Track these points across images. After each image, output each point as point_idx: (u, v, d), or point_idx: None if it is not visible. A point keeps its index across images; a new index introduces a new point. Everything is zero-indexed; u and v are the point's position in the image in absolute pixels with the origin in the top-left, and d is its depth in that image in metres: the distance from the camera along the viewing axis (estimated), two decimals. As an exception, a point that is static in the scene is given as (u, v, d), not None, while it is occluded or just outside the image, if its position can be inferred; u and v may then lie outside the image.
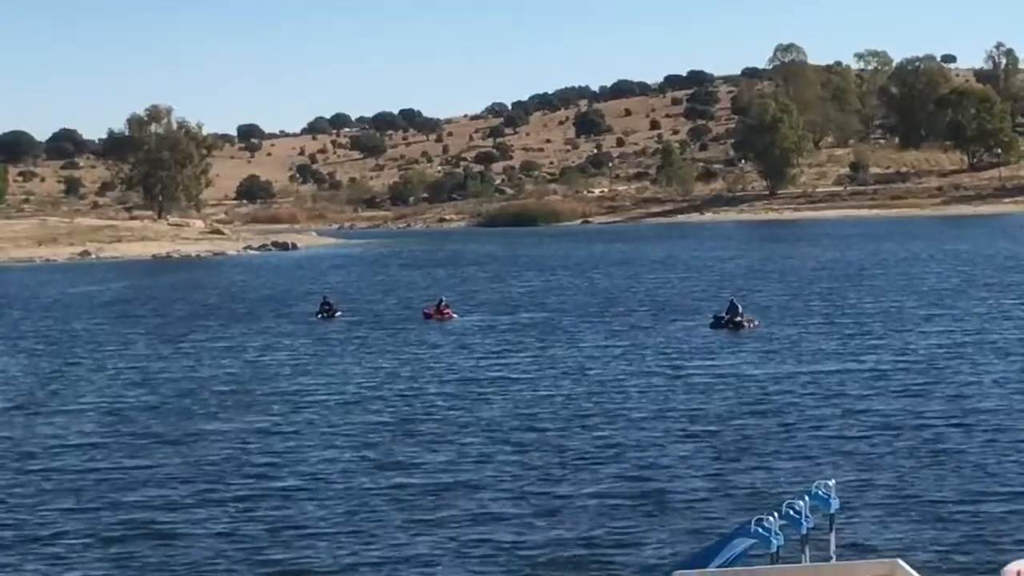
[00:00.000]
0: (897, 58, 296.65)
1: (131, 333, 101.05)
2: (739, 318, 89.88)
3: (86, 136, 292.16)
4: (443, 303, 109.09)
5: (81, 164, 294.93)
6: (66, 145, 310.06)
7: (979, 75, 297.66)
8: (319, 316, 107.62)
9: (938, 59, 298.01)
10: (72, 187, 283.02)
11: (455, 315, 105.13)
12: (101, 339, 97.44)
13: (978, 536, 35.29)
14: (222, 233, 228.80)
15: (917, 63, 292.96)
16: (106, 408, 65.52)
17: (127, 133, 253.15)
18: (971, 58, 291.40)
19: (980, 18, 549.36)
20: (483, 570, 36.00)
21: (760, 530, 26.13)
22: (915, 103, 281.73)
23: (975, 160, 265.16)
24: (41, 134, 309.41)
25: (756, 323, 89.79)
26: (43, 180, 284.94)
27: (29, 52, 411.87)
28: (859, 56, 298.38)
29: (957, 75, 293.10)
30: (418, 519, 41.35)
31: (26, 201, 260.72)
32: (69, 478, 49.36)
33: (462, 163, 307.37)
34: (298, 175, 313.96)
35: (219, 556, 37.63)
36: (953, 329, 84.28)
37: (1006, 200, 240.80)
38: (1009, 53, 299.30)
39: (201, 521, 41.74)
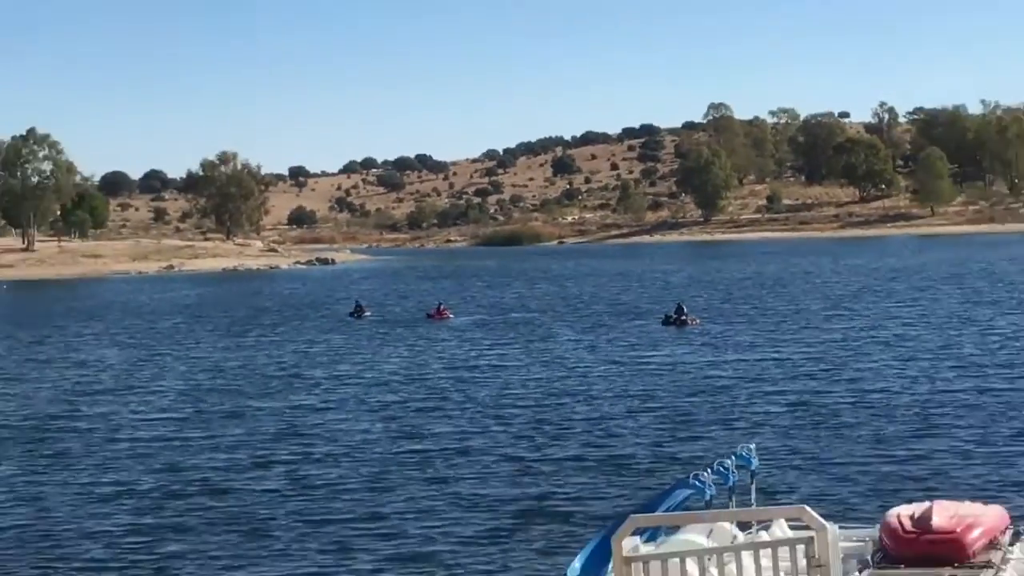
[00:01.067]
0: (804, 114, 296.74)
1: (203, 330, 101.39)
2: (684, 317, 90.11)
3: (170, 175, 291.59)
4: (442, 306, 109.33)
5: (166, 197, 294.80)
6: (155, 182, 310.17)
7: (868, 127, 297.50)
8: (352, 315, 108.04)
9: (836, 115, 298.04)
10: (159, 215, 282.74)
11: (451, 315, 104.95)
12: (180, 334, 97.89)
13: (868, 489, 35.28)
14: (276, 251, 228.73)
15: (819, 118, 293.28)
16: (181, 388, 65.59)
17: (202, 173, 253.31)
18: (861, 114, 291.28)
19: (868, 83, 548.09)
20: (475, 515, 35.83)
21: (696, 482, 25.94)
22: (818, 149, 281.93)
23: (864, 194, 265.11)
24: (135, 173, 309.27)
25: (697, 321, 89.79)
26: (136, 210, 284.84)
27: (126, 105, 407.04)
28: (773, 112, 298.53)
29: (850, 127, 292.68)
30: (426, 475, 41.28)
31: (123, 226, 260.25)
32: (150, 443, 49.26)
33: (464, 196, 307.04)
34: (336, 206, 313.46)
35: (266, 506, 37.49)
36: (850, 326, 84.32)
37: (888, 225, 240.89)
38: (891, 111, 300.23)
39: (255, 479, 41.62)
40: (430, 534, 34.14)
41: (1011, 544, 27.71)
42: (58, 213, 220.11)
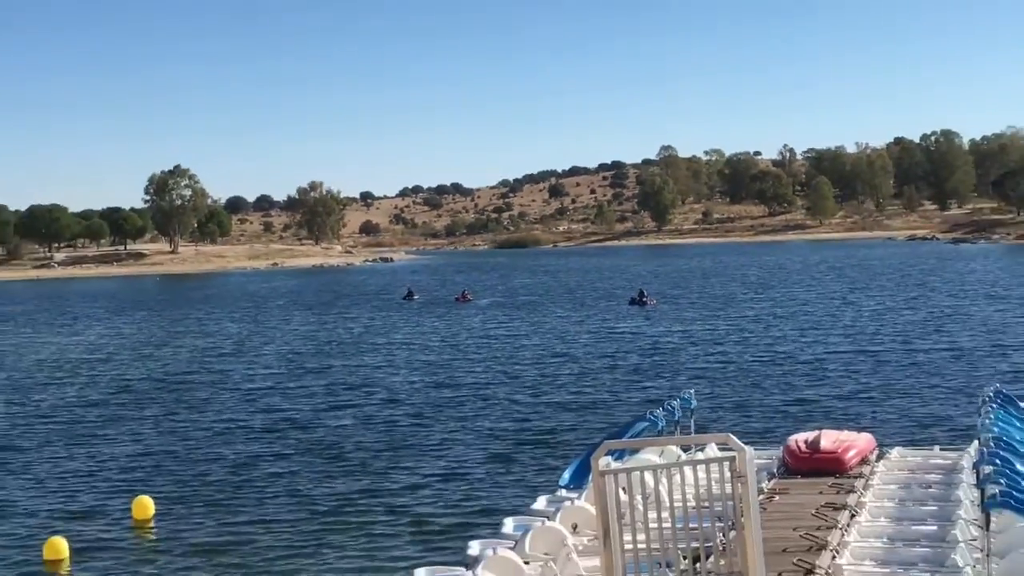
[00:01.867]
0: (728, 152, 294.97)
1: (297, 309, 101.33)
2: (644, 299, 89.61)
3: (275, 198, 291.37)
4: (466, 292, 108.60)
5: (273, 214, 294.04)
6: (264, 203, 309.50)
7: (774, 162, 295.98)
8: (404, 299, 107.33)
9: (751, 153, 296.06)
10: (267, 227, 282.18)
11: (472, 298, 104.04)
12: (281, 313, 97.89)
13: (774, 421, 35.35)
14: (351, 253, 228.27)
15: (739, 155, 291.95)
16: (280, 351, 65.59)
17: (297, 196, 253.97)
18: (770, 152, 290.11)
19: (775, 128, 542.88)
20: (492, 441, 35.75)
21: (651, 417, 25.78)
22: (738, 178, 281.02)
23: (771, 210, 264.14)
24: (250, 196, 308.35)
25: (654, 301, 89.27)
26: (251, 223, 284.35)
27: (244, 143, 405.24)
28: (707, 152, 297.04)
29: (762, 162, 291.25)
30: (456, 413, 41.27)
31: (241, 235, 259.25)
32: (256, 391, 49.24)
33: (485, 212, 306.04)
34: (393, 220, 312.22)
35: (339, 436, 37.37)
36: (763, 305, 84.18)
37: (789, 233, 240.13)
38: (791, 150, 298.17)
39: (331, 417, 41.59)
40: (458, 455, 34.07)
41: (877, 460, 27.66)
42: (195, 225, 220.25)
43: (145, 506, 28.03)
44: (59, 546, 24.82)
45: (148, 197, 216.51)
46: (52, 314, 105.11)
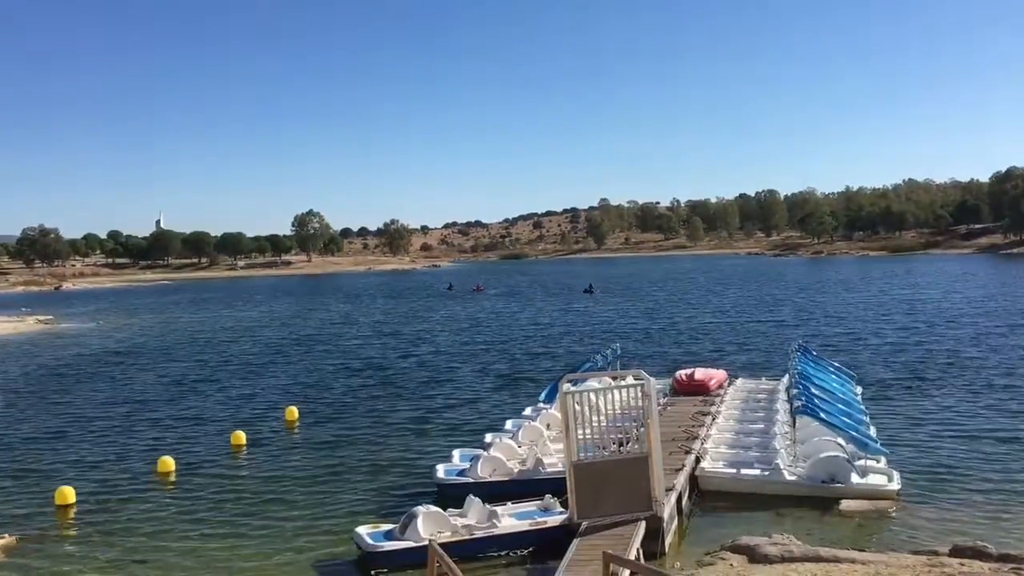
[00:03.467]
0: (641, 201, 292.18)
1: (380, 296, 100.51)
2: (592, 290, 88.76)
3: (370, 228, 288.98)
4: (479, 284, 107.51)
5: (368, 238, 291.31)
6: (363, 231, 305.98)
7: (668, 207, 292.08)
8: (447, 290, 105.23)
9: (654, 202, 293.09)
10: (365, 246, 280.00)
11: (484, 289, 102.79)
12: (370, 298, 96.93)
13: (668, 363, 35.00)
14: (415, 262, 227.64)
15: (647, 203, 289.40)
16: (370, 321, 65.18)
17: (383, 227, 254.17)
18: (665, 201, 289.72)
19: (668, 186, 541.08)
20: (494, 379, 35.70)
21: (594, 359, 25.77)
22: (646, 217, 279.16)
23: (666, 237, 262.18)
24: (355, 227, 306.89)
25: (599, 291, 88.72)
26: (355, 243, 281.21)
27: (356, 188, 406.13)
28: (629, 201, 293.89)
29: (660, 207, 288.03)
30: (475, 363, 41.16)
31: (349, 251, 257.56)
32: (353, 346, 49.11)
33: (495, 238, 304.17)
34: (440, 242, 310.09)
35: (402, 376, 37.37)
36: (663, 293, 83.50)
37: (676, 251, 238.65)
38: (677, 201, 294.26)
39: (395, 362, 41.52)
40: (478, 384, 34.11)
41: (728, 386, 27.63)
42: (322, 245, 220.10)
43: (293, 413, 28.26)
44: (240, 437, 24.94)
45: (293, 227, 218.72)
46: (234, 299, 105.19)
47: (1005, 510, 16.48)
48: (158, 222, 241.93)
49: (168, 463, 22.08)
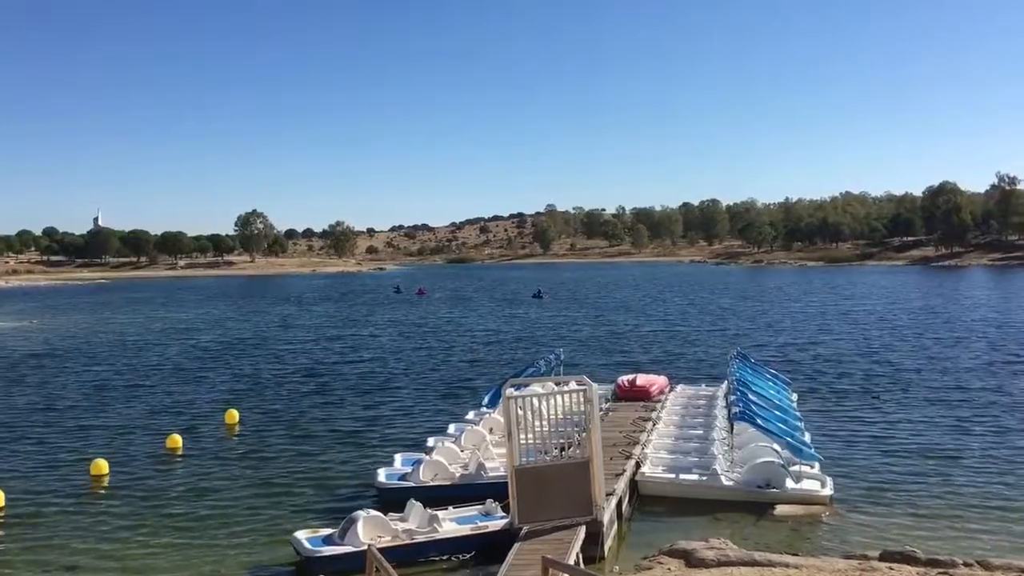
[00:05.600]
0: (587, 208, 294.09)
1: (323, 298, 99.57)
2: (541, 294, 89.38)
3: (315, 229, 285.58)
4: (422, 288, 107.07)
5: (313, 240, 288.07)
6: (308, 232, 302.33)
7: (613, 215, 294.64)
8: (394, 292, 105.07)
9: (599, 209, 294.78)
10: (310, 248, 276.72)
11: (427, 292, 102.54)
12: (313, 301, 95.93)
13: (609, 369, 35.26)
14: (360, 264, 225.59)
15: (593, 211, 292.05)
16: (310, 324, 64.45)
17: (328, 229, 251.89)
18: (610, 208, 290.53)
19: (613, 193, 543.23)
20: (436, 384, 35.53)
21: (538, 364, 25.83)
22: (593, 224, 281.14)
23: (611, 243, 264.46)
24: (300, 228, 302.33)
25: (550, 296, 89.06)
26: (299, 244, 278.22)
27: (300, 189, 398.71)
28: (574, 207, 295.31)
29: (606, 214, 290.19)
30: (413, 365, 40.89)
31: (294, 252, 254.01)
32: (290, 349, 48.44)
33: (441, 242, 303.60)
34: (387, 245, 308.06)
35: (340, 378, 36.97)
36: (610, 298, 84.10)
37: (621, 258, 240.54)
38: (623, 208, 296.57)
39: (340, 366, 41.05)
40: (422, 388, 33.92)
41: (669, 392, 27.91)
42: (266, 246, 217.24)
43: (233, 416, 27.79)
44: (176, 440, 24.43)
45: (236, 227, 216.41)
46: (173, 299, 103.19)
47: (933, 516, 16.91)
48: (96, 220, 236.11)
49: (101, 466, 21.51)
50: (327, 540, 14.92)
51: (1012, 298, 74.63)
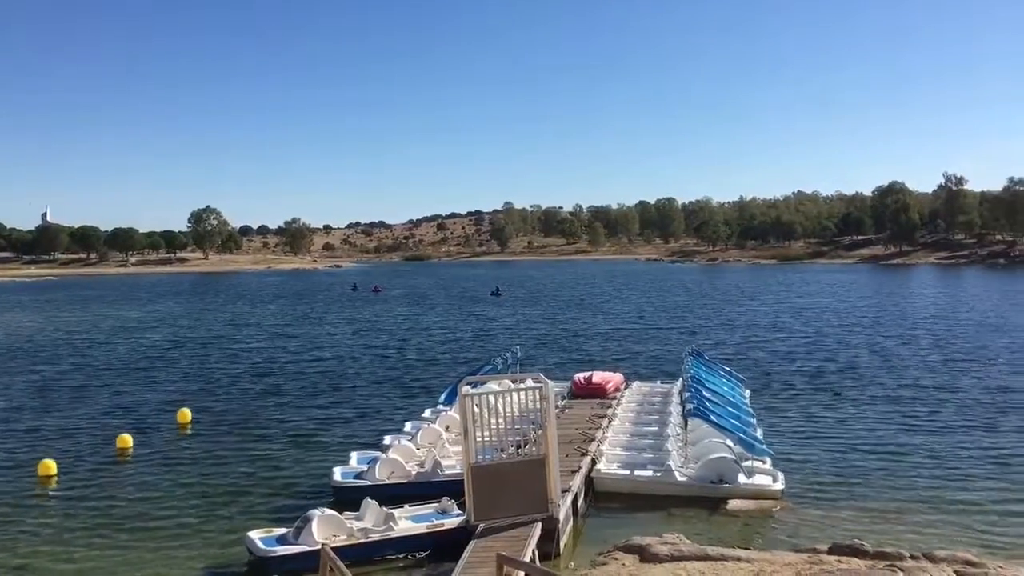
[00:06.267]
0: (544, 206, 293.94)
1: (278, 295, 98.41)
2: (499, 292, 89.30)
3: (271, 226, 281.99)
4: (377, 286, 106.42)
5: (268, 236, 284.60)
6: (263, 229, 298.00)
7: (571, 213, 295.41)
8: (352, 290, 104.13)
9: (557, 207, 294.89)
10: (265, 244, 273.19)
11: (382, 290, 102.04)
12: (268, 298, 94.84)
13: (565, 366, 35.37)
14: (316, 261, 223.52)
15: (550, 208, 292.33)
16: (265, 322, 63.73)
17: (284, 226, 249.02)
18: (568, 206, 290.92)
19: (570, 191, 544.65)
20: (392, 381, 35.39)
21: (495, 362, 25.87)
22: (549, 222, 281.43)
23: (568, 241, 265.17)
24: (255, 224, 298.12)
25: (508, 293, 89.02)
26: (254, 241, 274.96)
27: (253, 187, 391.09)
28: (532, 205, 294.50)
29: (562, 212, 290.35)
30: (368, 364, 40.64)
31: (248, 249, 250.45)
32: (243, 347, 47.86)
33: (398, 239, 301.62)
34: (344, 243, 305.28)
35: (284, 377, 36.64)
36: (566, 298, 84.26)
37: (579, 256, 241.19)
38: (580, 207, 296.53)
39: (295, 365, 40.58)
40: (379, 384, 33.77)
41: (625, 389, 28.11)
42: (219, 242, 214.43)
43: (185, 415, 27.41)
44: (127, 440, 24.01)
45: (189, 224, 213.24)
46: (123, 297, 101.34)
47: (881, 509, 17.27)
48: (44, 215, 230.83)
49: (49, 466, 21.08)
50: (281, 540, 14.81)
51: (958, 296, 76.39)
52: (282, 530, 15.22)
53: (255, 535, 15.06)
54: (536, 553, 14.07)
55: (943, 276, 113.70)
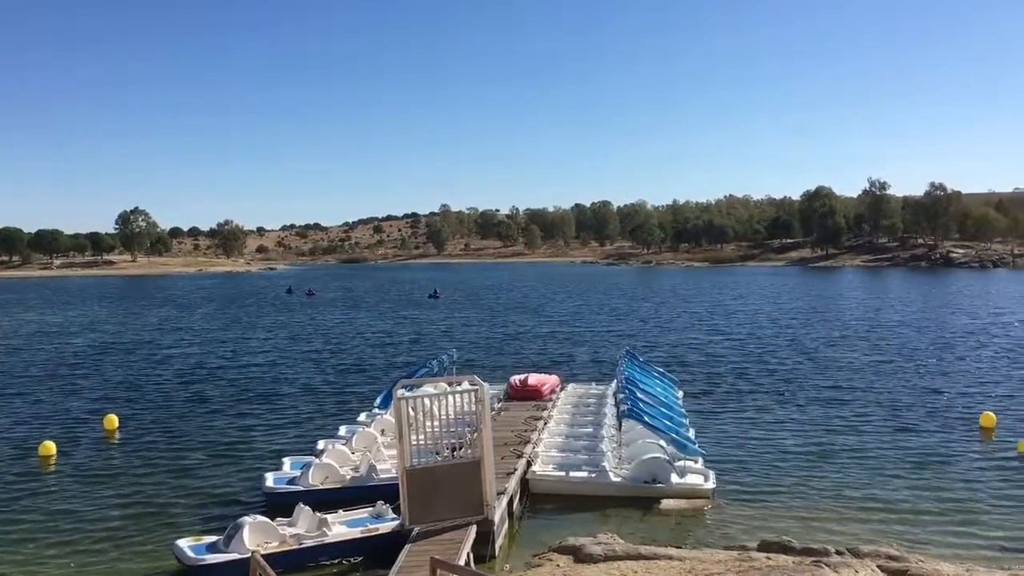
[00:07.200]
0: (481, 208, 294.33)
1: (209, 299, 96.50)
2: (438, 294, 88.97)
3: (202, 228, 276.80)
4: (312, 289, 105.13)
5: (199, 237, 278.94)
6: (195, 231, 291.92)
7: (507, 215, 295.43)
8: (287, 293, 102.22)
9: (494, 209, 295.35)
10: (196, 247, 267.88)
11: (317, 293, 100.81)
12: (198, 303, 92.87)
13: (496, 369, 35.38)
14: (249, 264, 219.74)
15: (487, 211, 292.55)
16: (196, 326, 62.42)
17: (216, 227, 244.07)
18: (504, 208, 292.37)
19: (507, 194, 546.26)
20: (329, 387, 34.97)
21: (430, 364, 25.76)
22: (486, 224, 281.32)
23: (505, 244, 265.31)
24: (186, 226, 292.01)
25: (445, 295, 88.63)
26: (184, 244, 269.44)
27: (184, 191, 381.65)
28: (468, 208, 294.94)
29: (499, 214, 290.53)
30: (300, 369, 40.09)
31: (179, 251, 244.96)
32: (170, 352, 46.83)
33: (334, 242, 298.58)
34: (279, 245, 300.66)
35: (211, 384, 35.96)
36: (502, 300, 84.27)
37: (515, 258, 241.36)
38: (517, 209, 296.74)
39: (225, 370, 39.79)
40: (313, 388, 33.38)
41: (560, 391, 28.27)
42: (148, 244, 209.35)
43: (112, 421, 26.67)
44: (50, 447, 23.28)
45: (117, 226, 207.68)
46: (47, 300, 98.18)
47: (808, 507, 17.70)
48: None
49: (-34, 477, 20.30)
50: (211, 548, 14.52)
51: (884, 298, 78.70)
52: (212, 538, 14.93)
53: (184, 543, 14.74)
54: (471, 556, 14.06)
55: (868, 278, 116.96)
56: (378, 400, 24.75)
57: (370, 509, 16.14)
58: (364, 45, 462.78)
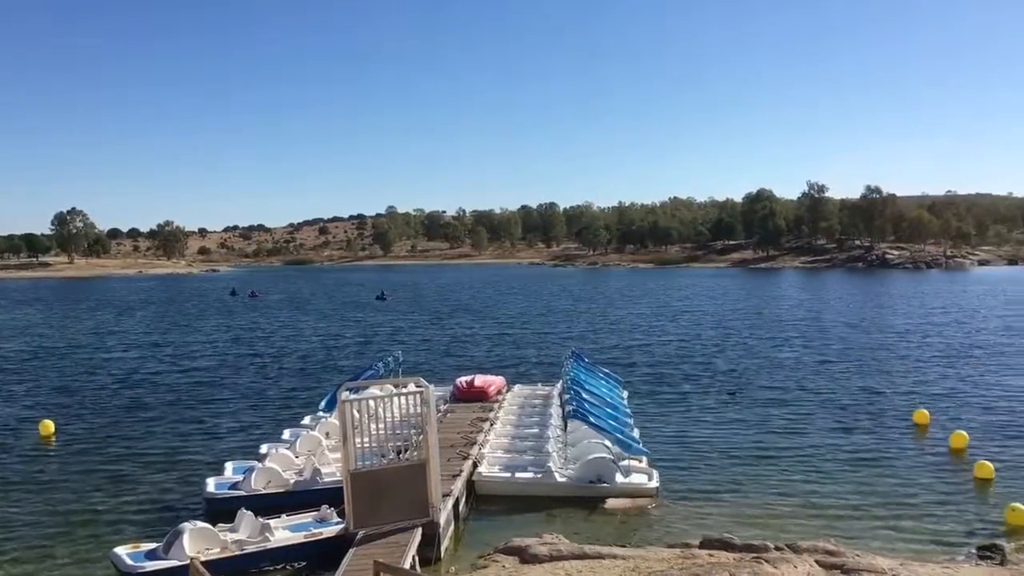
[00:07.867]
0: (427, 210, 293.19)
1: (149, 301, 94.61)
2: (385, 296, 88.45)
3: (142, 229, 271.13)
4: (255, 291, 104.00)
5: (139, 240, 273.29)
6: (134, 232, 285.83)
7: (454, 217, 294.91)
8: (230, 295, 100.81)
9: (440, 211, 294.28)
10: (136, 248, 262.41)
11: (260, 295, 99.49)
12: (138, 305, 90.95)
13: (448, 371, 35.29)
14: (191, 266, 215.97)
15: (433, 212, 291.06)
16: (136, 329, 61.13)
17: (156, 228, 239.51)
18: (451, 210, 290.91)
19: (455, 196, 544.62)
20: (279, 387, 34.57)
21: (377, 366, 25.58)
22: (432, 226, 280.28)
23: (452, 245, 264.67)
24: (125, 227, 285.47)
25: (392, 297, 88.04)
26: (123, 245, 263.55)
27: (124, 189, 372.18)
28: (416, 209, 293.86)
29: (446, 216, 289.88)
30: (247, 373, 39.59)
31: (118, 252, 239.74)
32: (108, 355, 45.80)
33: (279, 243, 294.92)
34: (222, 246, 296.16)
35: (149, 389, 35.35)
36: (450, 301, 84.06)
37: (462, 260, 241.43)
38: (463, 211, 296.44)
39: (167, 374, 39.10)
40: (256, 391, 32.94)
41: (507, 392, 28.31)
42: (86, 246, 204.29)
43: (48, 427, 25.97)
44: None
45: (53, 226, 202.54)
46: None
47: (749, 505, 17.99)
48: None
49: None
50: (150, 555, 14.22)
51: (823, 299, 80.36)
52: (151, 545, 14.62)
53: (122, 551, 14.41)
54: (416, 559, 14.00)
55: (807, 279, 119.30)
56: (323, 403, 24.49)
57: (314, 513, 15.97)
58: (309, 45, 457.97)
